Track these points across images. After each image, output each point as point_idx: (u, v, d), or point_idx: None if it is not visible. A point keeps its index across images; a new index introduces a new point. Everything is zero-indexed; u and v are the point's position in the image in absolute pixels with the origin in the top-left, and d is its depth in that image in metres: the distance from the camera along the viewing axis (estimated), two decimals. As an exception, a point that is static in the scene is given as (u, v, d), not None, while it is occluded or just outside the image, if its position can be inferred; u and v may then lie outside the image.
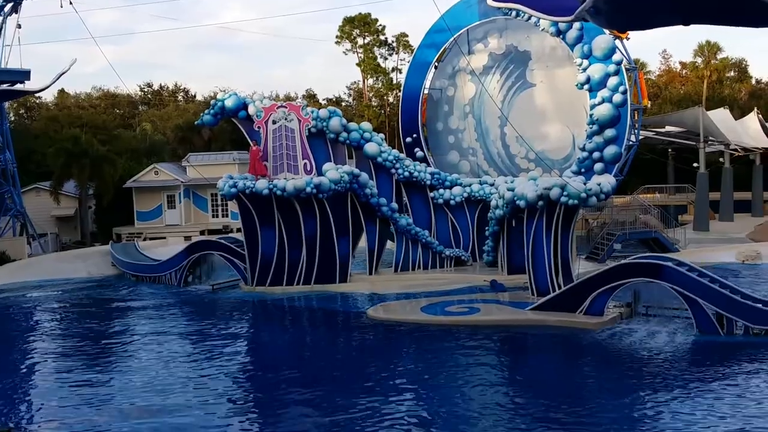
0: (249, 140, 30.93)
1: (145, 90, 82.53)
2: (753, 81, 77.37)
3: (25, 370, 19.64)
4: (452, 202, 31.49)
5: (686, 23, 13.20)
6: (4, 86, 38.35)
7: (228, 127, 53.55)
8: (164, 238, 43.17)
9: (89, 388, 17.41)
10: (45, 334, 23.97)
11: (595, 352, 19.81)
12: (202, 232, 43.72)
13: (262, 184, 28.83)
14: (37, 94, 57.84)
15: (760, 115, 52.94)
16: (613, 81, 29.20)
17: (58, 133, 52.93)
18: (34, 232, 41.07)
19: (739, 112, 56.24)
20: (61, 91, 75.10)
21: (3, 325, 25.99)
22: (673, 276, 20.97)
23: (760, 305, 20.33)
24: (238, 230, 34.81)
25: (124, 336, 23.09)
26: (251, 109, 30.39)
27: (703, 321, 20.54)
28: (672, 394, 15.78)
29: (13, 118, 60.82)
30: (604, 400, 15.83)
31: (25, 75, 38.06)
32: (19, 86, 38.89)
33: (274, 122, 30.18)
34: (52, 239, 42.67)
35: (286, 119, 30.22)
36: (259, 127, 30.25)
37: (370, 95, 69.26)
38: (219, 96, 31.64)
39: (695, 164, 44.11)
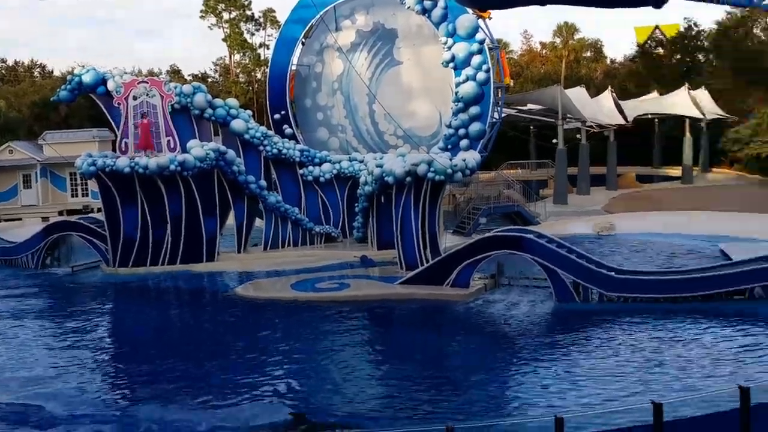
0: (109, 117, 29.46)
1: (-1, 66, 77.19)
2: (608, 61, 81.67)
3: None
4: (322, 179, 31.38)
5: (543, 3, 13.62)
6: None
7: (86, 103, 50.88)
8: (20, 219, 40.87)
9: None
10: None
11: (462, 322, 20.40)
12: (60, 213, 41.63)
13: (123, 162, 27.59)
14: None
15: (614, 94, 56.03)
16: (476, 60, 29.86)
17: None
18: None
19: (595, 91, 59.24)
20: None
21: None
22: (533, 247, 21.85)
23: (613, 273, 21.50)
24: (100, 210, 33.23)
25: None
26: (110, 85, 28.93)
27: (561, 290, 21.54)
28: (533, 358, 16.49)
29: None
30: (469, 367, 16.33)
31: None
32: None
33: (135, 98, 28.87)
34: None
35: (147, 95, 28.98)
36: (119, 104, 28.86)
37: (237, 71, 67.75)
38: (76, 71, 30.00)
39: (554, 141, 46.06)
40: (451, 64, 30.28)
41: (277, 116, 33.54)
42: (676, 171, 57.66)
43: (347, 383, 15.30)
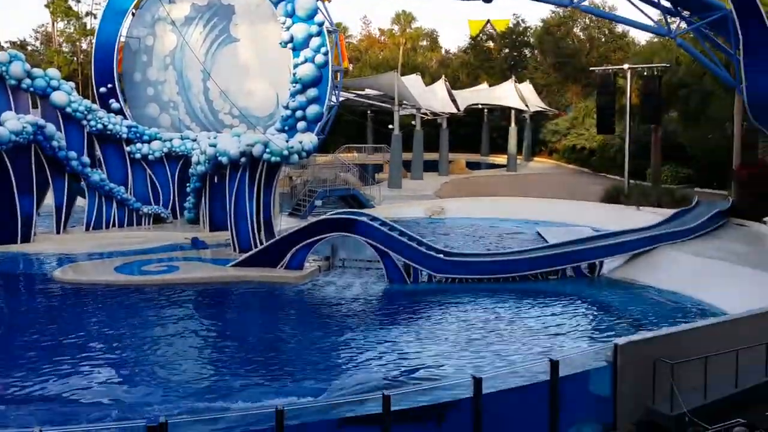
0: None
1: None
2: (443, 51, 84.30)
3: None
4: (151, 157, 30.03)
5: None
6: None
7: None
8: None
9: None
10: None
11: (296, 303, 20.41)
12: None
13: None
14: None
15: (447, 83, 57.93)
16: (315, 42, 29.73)
17: None
18: None
19: (430, 79, 60.96)
20: None
21: None
22: (366, 230, 22.20)
23: (441, 255, 22.26)
24: None
25: None
26: None
27: (393, 271, 22.05)
28: (363, 337, 16.77)
29: None
30: (302, 347, 16.39)
31: None
32: None
33: (-62, 63, 26.18)
34: None
35: (-46, 60, 26.37)
36: None
37: (61, 40, 63.26)
38: None
39: (390, 126, 46.90)
40: (290, 45, 29.97)
41: (103, 89, 31.68)
42: (502, 159, 60.57)
43: (173, 369, 14.76)
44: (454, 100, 55.65)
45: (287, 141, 25.84)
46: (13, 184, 26.41)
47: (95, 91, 32.04)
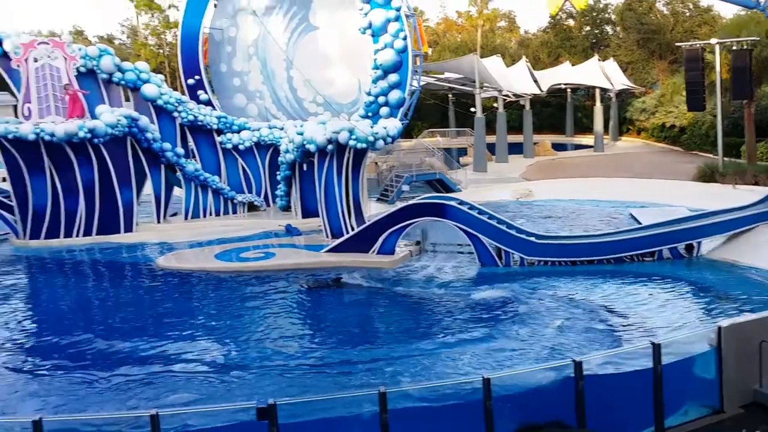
0: (8, 80, 27.78)
1: None
2: (521, 31, 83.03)
3: None
4: (241, 146, 30.64)
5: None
6: None
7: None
8: None
9: None
10: None
11: (388, 289, 20.38)
12: (-41, 184, 39.06)
13: (26, 128, 25.97)
14: None
15: (529, 64, 57.03)
16: (393, 27, 29.73)
17: None
18: None
19: (510, 60, 60.14)
20: None
21: None
22: (456, 214, 22.12)
23: (533, 238, 21.99)
24: (4, 180, 31.47)
25: None
26: (7, 45, 27.04)
27: (484, 254, 21.92)
28: (459, 320, 16.76)
29: None
30: (397, 333, 16.48)
31: None
32: None
33: (36, 60, 27.25)
34: None
35: (49, 57, 27.41)
36: (18, 65, 27.17)
37: (146, 33, 65.22)
38: (-31, 30, 28.07)
39: (473, 109, 46.56)
40: (369, 31, 30.06)
41: (191, 81, 32.37)
42: (588, 139, 59.32)
43: (278, 356, 15.10)
44: (536, 81, 54.77)
45: (372, 127, 25.97)
46: (113, 176, 27.49)
47: (183, 82, 32.88)
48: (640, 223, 25.86)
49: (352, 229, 24.71)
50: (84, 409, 12.32)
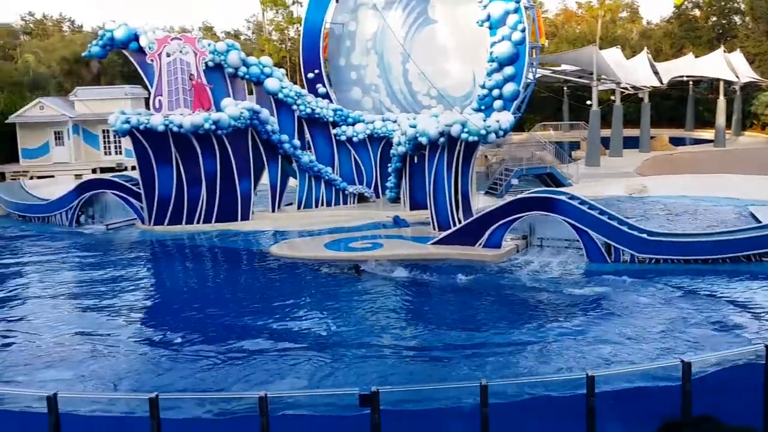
0: (142, 74, 29.70)
1: (27, 19, 77.37)
2: (644, 22, 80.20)
3: None
4: (355, 139, 31.43)
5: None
6: None
7: (119, 59, 51.24)
8: (52, 176, 41.30)
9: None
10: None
11: (494, 282, 20.53)
12: (93, 171, 41.97)
13: (157, 120, 27.77)
14: None
15: (650, 55, 55.12)
16: (512, 19, 29.57)
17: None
18: None
19: (631, 52, 58.33)
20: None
21: None
22: (566, 209, 21.89)
23: (645, 235, 21.50)
24: (133, 168, 33.60)
25: (20, 276, 22.19)
26: (143, 41, 28.99)
27: (593, 250, 21.62)
28: (566, 316, 16.68)
29: None
30: (502, 327, 16.49)
31: None
32: None
33: (168, 55, 28.98)
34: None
35: (181, 52, 29.07)
36: (152, 60, 29.00)
37: (270, 29, 67.50)
38: (108, 26, 30.08)
39: (588, 102, 45.58)
40: (486, 24, 30.04)
41: (310, 75, 33.44)
42: (708, 134, 56.84)
43: (384, 342, 15.59)
44: (656, 73, 52.90)
45: (484, 120, 26.05)
46: (233, 166, 28.87)
47: (303, 76, 33.95)
48: (759, 222, 24.78)
49: (460, 222, 24.90)
50: (200, 384, 13.21)
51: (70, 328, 16.72)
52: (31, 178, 41.12)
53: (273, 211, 30.48)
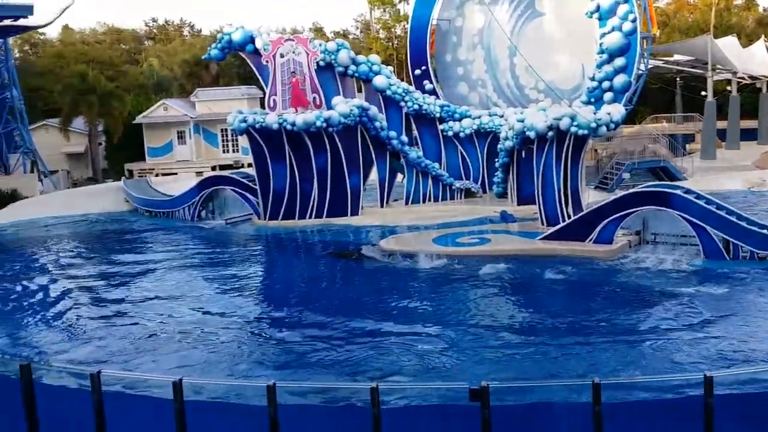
0: (258, 75, 30.94)
1: (150, 25, 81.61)
2: (760, 9, 76.24)
3: (56, 299, 20.25)
4: (462, 134, 31.62)
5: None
6: (8, 21, 38.06)
7: (235, 61, 53.39)
8: (176, 173, 43.53)
9: (117, 318, 18.07)
10: (70, 265, 24.50)
11: (606, 278, 20.27)
12: (213, 168, 43.99)
13: (271, 119, 28.92)
14: (41, 30, 57.40)
15: (767, 43, 52.46)
16: (622, 9, 28.95)
17: (65, 70, 52.63)
18: (45, 169, 41.49)
19: (747, 40, 55.69)
20: (66, 27, 74.06)
21: (26, 258, 26.41)
22: (682, 204, 21.34)
23: (765, 231, 20.73)
24: (250, 165, 35.03)
25: (147, 267, 23.63)
26: (258, 43, 30.18)
27: (710, 247, 21.01)
28: (680, 316, 16.38)
29: (18, 55, 60.42)
30: (615, 324, 16.31)
31: (28, 10, 37.76)
32: (22, 21, 38.56)
33: (282, 56, 30.06)
34: (63, 176, 43.12)
35: (294, 52, 30.08)
36: (267, 61, 30.14)
37: (378, 27, 68.48)
38: (226, 30, 31.46)
39: (703, 93, 43.99)
40: (596, 15, 29.53)
41: (417, 72, 33.73)
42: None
43: (492, 338, 15.79)
44: (775, 61, 50.29)
45: (594, 113, 25.64)
46: (344, 163, 29.67)
47: (410, 73, 34.37)
48: None
49: (569, 217, 24.67)
50: (306, 375, 13.73)
51: (191, 317, 17.84)
52: (156, 175, 43.61)
53: (381, 206, 31.11)
